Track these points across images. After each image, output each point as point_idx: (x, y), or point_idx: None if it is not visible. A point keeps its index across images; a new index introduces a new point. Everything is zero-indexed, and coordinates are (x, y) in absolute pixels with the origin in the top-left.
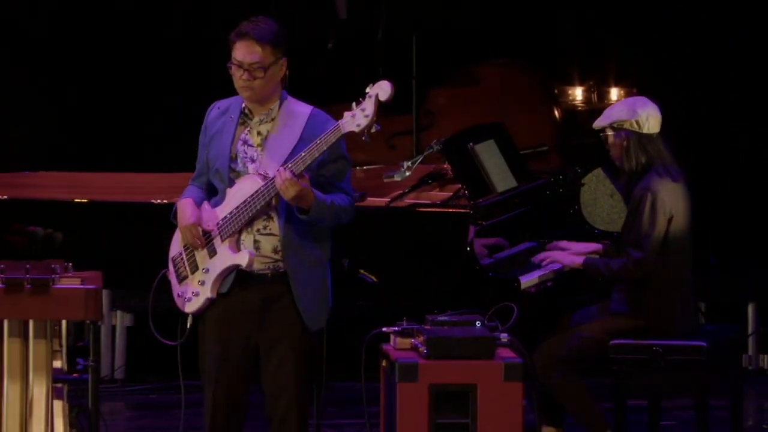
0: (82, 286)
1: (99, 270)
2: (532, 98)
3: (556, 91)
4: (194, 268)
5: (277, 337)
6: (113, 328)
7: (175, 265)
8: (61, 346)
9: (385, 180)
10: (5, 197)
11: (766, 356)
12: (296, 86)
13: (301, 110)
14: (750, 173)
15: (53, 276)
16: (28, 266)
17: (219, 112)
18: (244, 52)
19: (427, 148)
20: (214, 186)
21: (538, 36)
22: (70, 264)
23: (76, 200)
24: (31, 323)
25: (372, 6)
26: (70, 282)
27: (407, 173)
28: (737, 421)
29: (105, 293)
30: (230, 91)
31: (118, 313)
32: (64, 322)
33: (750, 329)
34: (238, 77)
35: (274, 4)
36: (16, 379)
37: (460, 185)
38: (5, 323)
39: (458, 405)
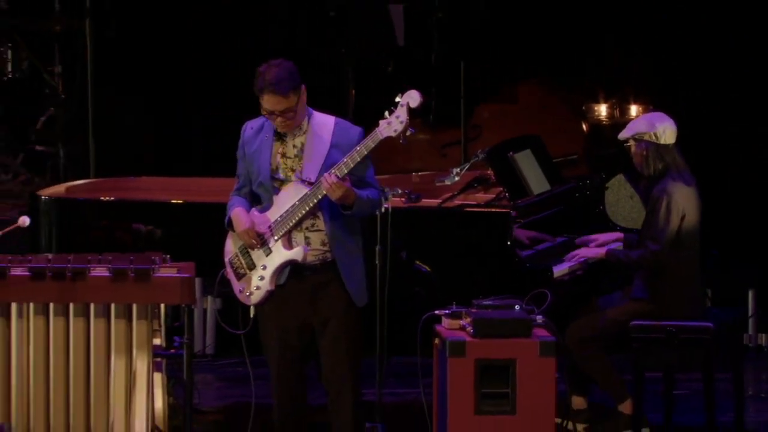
0: (177, 275)
1: (192, 261)
2: (563, 114)
3: (583, 108)
4: (251, 266)
5: (329, 316)
6: (204, 311)
7: (232, 266)
8: (160, 326)
9: (437, 184)
10: (113, 199)
11: (763, 335)
12: (361, 102)
13: (327, 121)
14: (749, 174)
15: (153, 266)
16: (131, 258)
17: (253, 132)
18: (272, 103)
19: (473, 156)
20: (255, 195)
21: (568, 60)
22: (168, 256)
23: (172, 201)
24: (134, 307)
25: (426, 35)
26: (167, 271)
27: (456, 178)
28: (739, 390)
29: (197, 281)
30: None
31: (209, 297)
32: (162, 306)
33: (750, 312)
34: (273, 120)
35: (346, 32)
36: (121, 354)
37: (501, 188)
38: (112, 307)
39: (500, 377)
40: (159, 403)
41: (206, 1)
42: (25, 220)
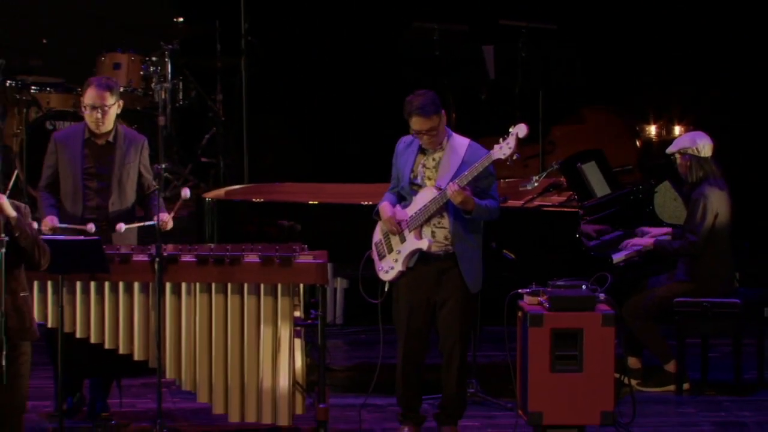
0: (313, 261)
1: (325, 250)
2: (620, 132)
3: (637, 128)
4: (390, 250)
5: (447, 297)
6: (335, 289)
7: (376, 248)
8: (299, 301)
9: (521, 189)
10: (262, 200)
11: None
12: (462, 121)
13: (462, 142)
14: None
15: (294, 254)
16: (277, 248)
17: (405, 145)
18: (419, 124)
19: (549, 167)
20: (401, 195)
21: (624, 89)
22: (306, 246)
23: (310, 202)
24: (279, 286)
25: (512, 69)
26: (305, 258)
27: (535, 184)
28: (761, 353)
29: (329, 266)
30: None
31: (339, 279)
32: (301, 285)
33: None
34: (420, 138)
35: (450, 67)
36: (269, 324)
37: (571, 192)
38: (261, 286)
39: (570, 342)
40: (299, 363)
41: (336, 42)
42: (186, 193)
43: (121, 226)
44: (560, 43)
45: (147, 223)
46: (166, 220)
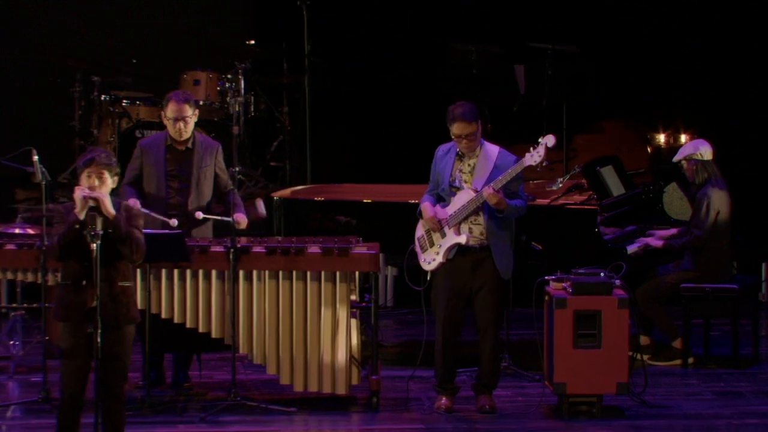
0: (367, 252)
1: (377, 242)
2: (634, 140)
3: (648, 136)
4: (431, 244)
5: (483, 284)
6: (386, 276)
7: (419, 242)
8: (355, 287)
9: (547, 189)
10: (323, 199)
11: None
12: (496, 131)
13: (493, 149)
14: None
15: (350, 245)
16: (336, 240)
17: (443, 153)
18: (460, 128)
19: (572, 170)
20: (440, 196)
21: (637, 103)
22: (360, 238)
23: (364, 200)
24: (338, 273)
25: (540, 86)
26: (360, 249)
27: (560, 185)
28: (755, 332)
29: (381, 256)
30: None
31: (389, 267)
32: (357, 273)
33: (763, 278)
34: (459, 143)
35: (481, 83)
36: (328, 306)
37: (591, 192)
38: (322, 274)
39: (590, 323)
40: (354, 340)
41: (387, 60)
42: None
43: (199, 214)
44: (577, 63)
45: (225, 218)
46: (241, 221)
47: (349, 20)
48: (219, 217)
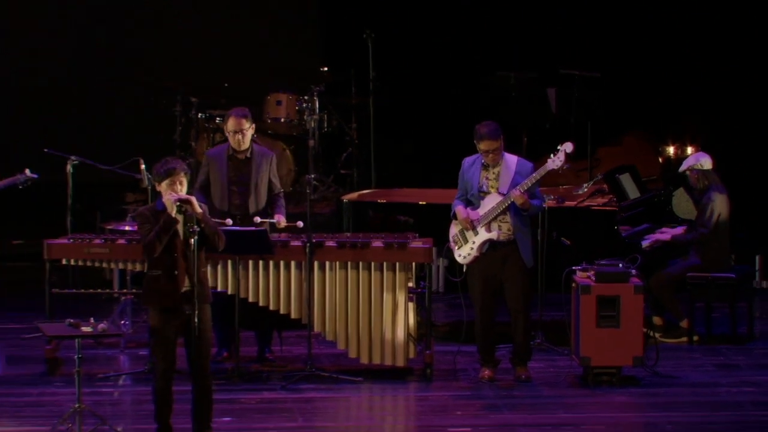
0: (422, 246)
1: (430, 237)
2: (648, 151)
3: (659, 148)
4: (465, 241)
5: (512, 273)
6: (438, 266)
7: (453, 240)
8: (412, 275)
9: (574, 193)
10: (384, 201)
11: (765, 281)
12: (531, 145)
13: (512, 159)
14: (761, 184)
15: (408, 240)
16: (396, 236)
17: (469, 164)
18: (488, 145)
19: (595, 177)
20: (469, 201)
21: (651, 121)
22: (417, 234)
23: (420, 203)
24: (397, 264)
25: (568, 106)
26: (416, 243)
27: (585, 189)
28: (751, 313)
29: (434, 249)
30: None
31: (441, 259)
32: (413, 264)
33: (757, 267)
34: (486, 156)
35: (517, 107)
36: (389, 292)
37: (612, 196)
38: (384, 264)
39: (610, 306)
40: (411, 320)
41: (439, 84)
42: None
43: (257, 219)
44: (590, 88)
45: (270, 220)
46: (281, 221)
47: (408, 50)
48: (269, 220)
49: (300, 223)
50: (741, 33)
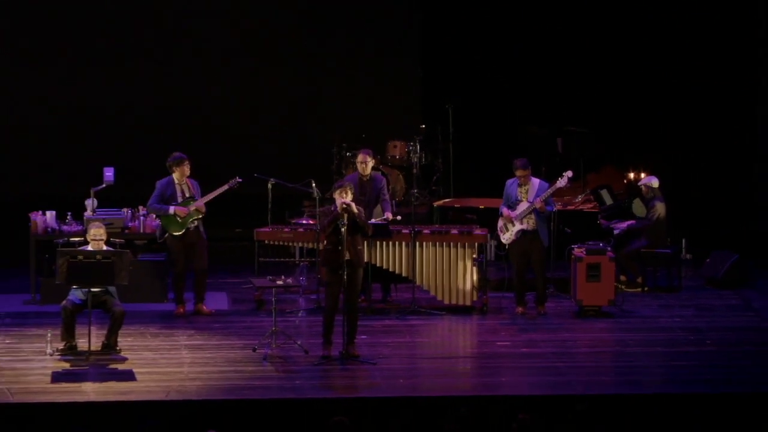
0: (481, 233)
1: (486, 228)
2: (618, 176)
3: (625, 173)
4: (507, 230)
5: (535, 249)
6: (490, 245)
7: (500, 229)
8: (474, 250)
9: (573, 201)
10: (459, 206)
11: (688, 254)
12: (549, 173)
13: (536, 180)
14: (694, 191)
15: (472, 229)
16: (465, 226)
17: (509, 183)
18: (521, 172)
19: (585, 192)
20: (509, 206)
21: (620, 158)
22: (477, 225)
23: (480, 206)
24: (466, 243)
25: (571, 148)
26: (478, 231)
27: (579, 199)
28: (680, 275)
29: (488, 235)
30: None
31: (492, 241)
32: (476, 243)
33: (683, 245)
34: (520, 179)
35: (538, 150)
36: (462, 260)
37: (596, 203)
38: (458, 243)
39: (595, 269)
40: (474, 276)
41: (490, 129)
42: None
43: (388, 215)
44: (582, 138)
45: (384, 217)
46: (388, 216)
47: (473, 114)
48: (383, 216)
49: (399, 217)
50: (684, 93)
